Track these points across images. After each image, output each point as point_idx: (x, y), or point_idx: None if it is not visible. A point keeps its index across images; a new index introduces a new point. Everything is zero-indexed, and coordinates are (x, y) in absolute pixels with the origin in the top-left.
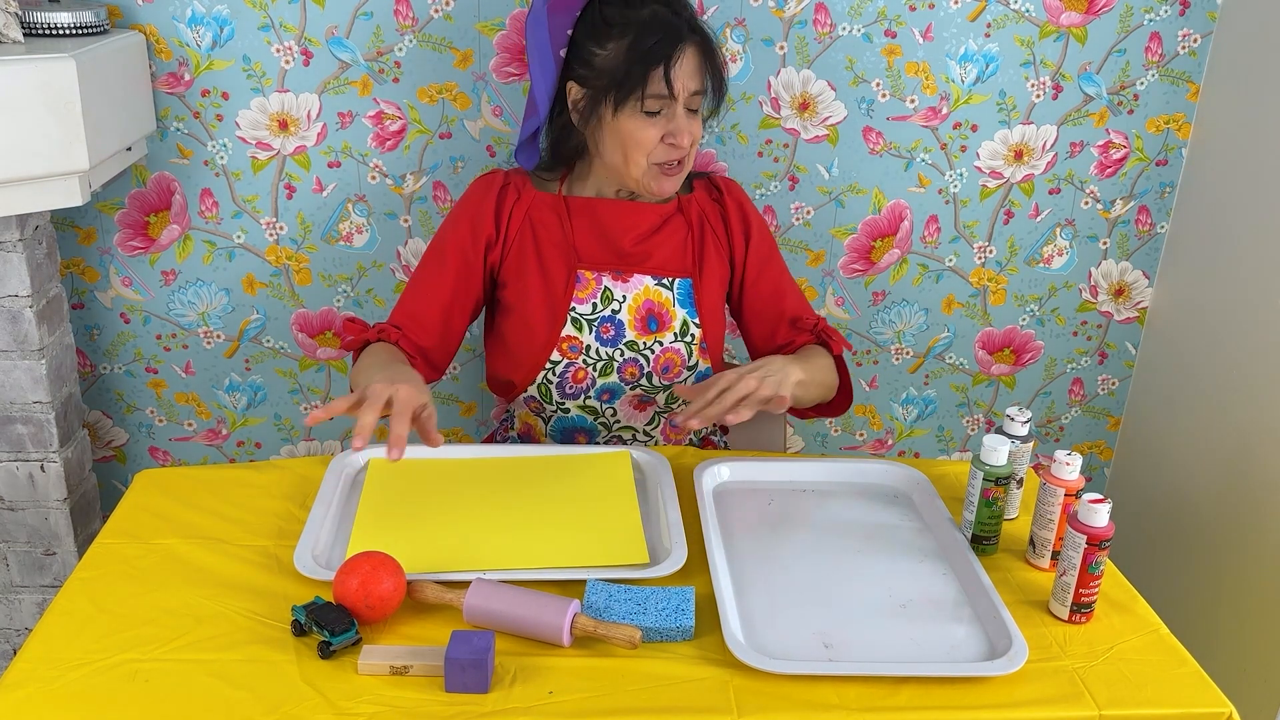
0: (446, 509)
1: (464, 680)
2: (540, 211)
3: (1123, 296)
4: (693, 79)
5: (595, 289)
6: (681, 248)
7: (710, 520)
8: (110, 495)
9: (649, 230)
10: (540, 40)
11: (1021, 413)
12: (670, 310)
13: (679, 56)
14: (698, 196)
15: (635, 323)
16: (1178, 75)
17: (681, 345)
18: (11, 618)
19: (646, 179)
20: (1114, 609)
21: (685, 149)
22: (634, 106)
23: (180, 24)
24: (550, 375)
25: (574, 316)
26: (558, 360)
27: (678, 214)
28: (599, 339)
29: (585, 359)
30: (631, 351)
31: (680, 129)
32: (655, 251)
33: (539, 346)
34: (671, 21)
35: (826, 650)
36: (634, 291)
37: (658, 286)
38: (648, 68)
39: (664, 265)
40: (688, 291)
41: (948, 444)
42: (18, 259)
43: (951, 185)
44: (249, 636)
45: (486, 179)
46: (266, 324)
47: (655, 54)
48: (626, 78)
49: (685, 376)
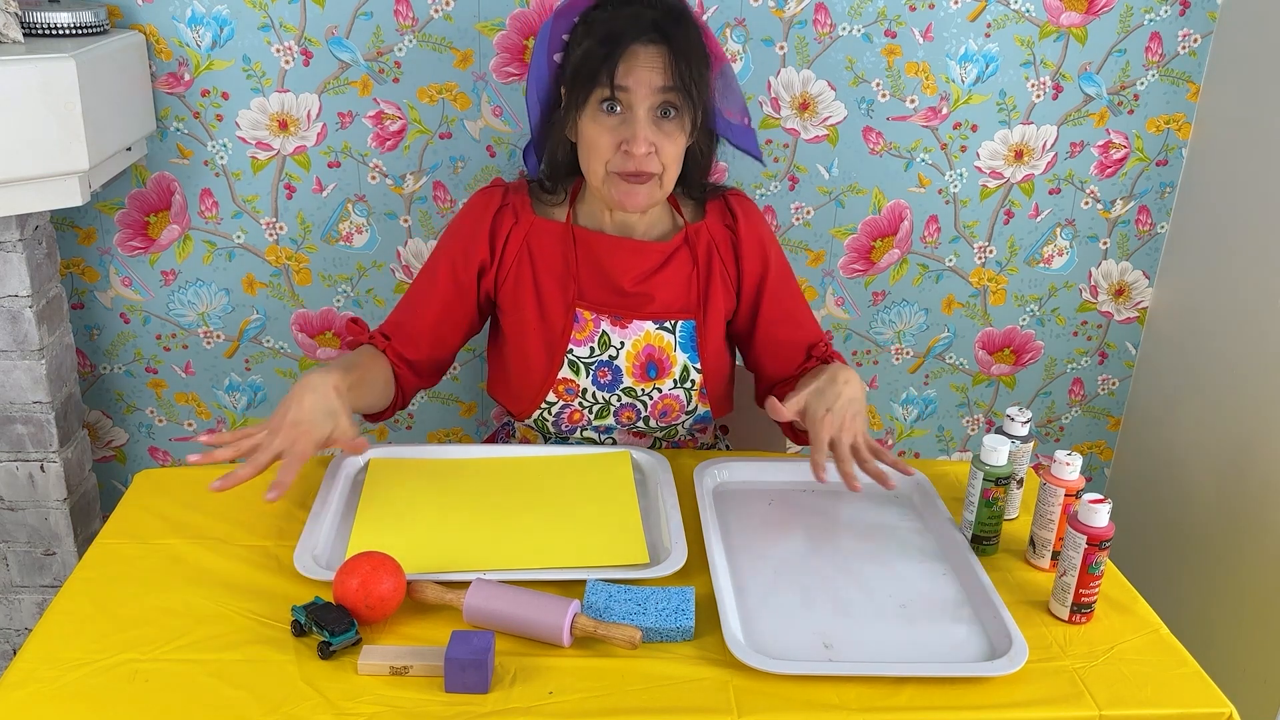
0: (446, 509)
1: (464, 680)
2: (540, 239)
3: (1123, 296)
4: (655, 80)
5: (593, 331)
6: (685, 286)
7: (710, 520)
8: (110, 495)
9: (651, 269)
10: (539, 47)
11: (1021, 413)
12: (671, 356)
13: (634, 52)
14: (709, 224)
15: (634, 369)
16: (1178, 75)
17: (681, 391)
18: (11, 618)
19: (607, 188)
20: (1114, 609)
21: (640, 155)
22: (594, 105)
23: (180, 24)
24: (546, 414)
25: (571, 359)
26: (554, 401)
27: (683, 247)
28: (596, 383)
29: (581, 402)
30: (629, 397)
31: (636, 134)
32: (658, 293)
33: (536, 385)
34: (639, 18)
35: (826, 650)
36: (633, 338)
37: (659, 331)
38: (600, 62)
39: (666, 308)
40: (690, 334)
41: (948, 444)
42: (18, 259)
43: (951, 185)
44: (249, 636)
45: (484, 196)
46: (266, 324)
47: (608, 47)
48: (582, 72)
49: (683, 419)
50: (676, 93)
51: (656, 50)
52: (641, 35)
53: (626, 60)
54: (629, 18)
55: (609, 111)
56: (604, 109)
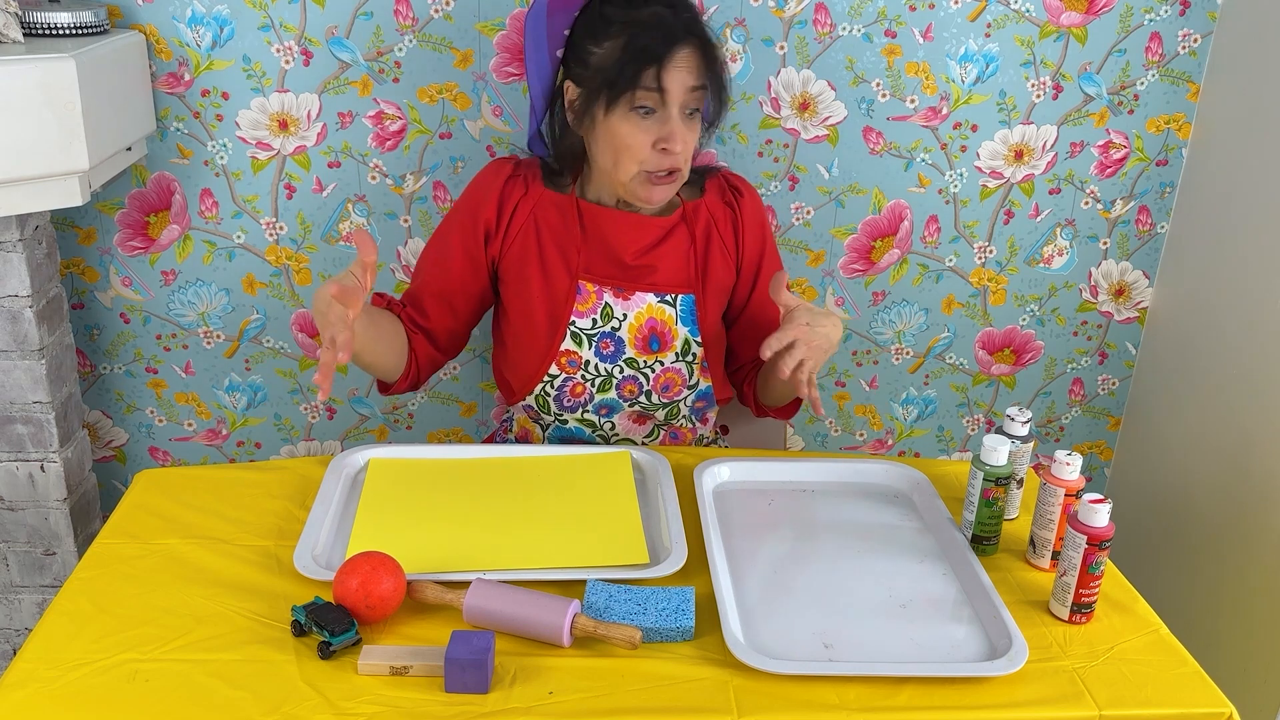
0: (446, 509)
1: (464, 680)
2: (547, 211)
3: (1123, 296)
4: (689, 81)
5: (596, 303)
6: (685, 260)
7: (710, 520)
8: (110, 495)
9: (652, 243)
10: (538, 39)
11: (1021, 413)
12: (673, 329)
13: (674, 55)
14: (708, 200)
15: (636, 341)
16: (1178, 75)
17: (683, 365)
18: (11, 618)
19: (634, 185)
20: (1114, 609)
21: (677, 154)
22: (626, 106)
23: (180, 24)
24: (548, 388)
25: (573, 331)
26: (556, 374)
27: (681, 224)
28: (598, 354)
29: (584, 374)
30: (631, 369)
31: (674, 133)
32: (659, 264)
33: (538, 358)
34: (669, 21)
35: (826, 650)
36: (636, 310)
37: (660, 304)
38: (641, 66)
39: (668, 280)
40: (690, 308)
41: (948, 444)
42: (18, 259)
43: (951, 185)
44: (249, 636)
45: (496, 165)
46: (266, 324)
47: (650, 52)
48: (620, 76)
49: (685, 395)
50: (704, 90)
51: (688, 51)
52: (678, 40)
53: (669, 64)
54: (656, 20)
55: (644, 115)
56: (639, 112)
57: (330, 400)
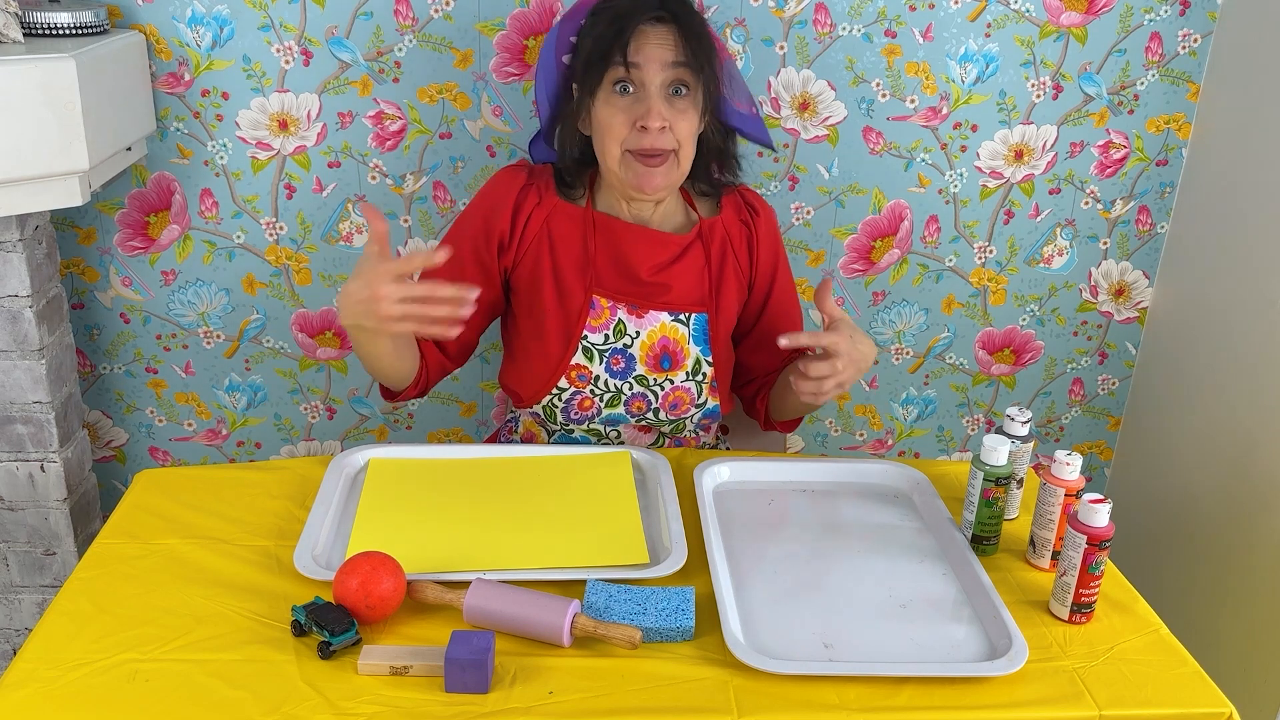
0: (446, 509)
1: (464, 680)
2: (561, 222)
3: (1123, 296)
4: (665, 56)
5: (609, 319)
6: (699, 279)
7: (710, 520)
8: (110, 495)
9: (668, 260)
10: (547, 49)
11: (1021, 413)
12: (684, 348)
13: (644, 30)
14: (724, 219)
15: (648, 359)
16: (1178, 75)
17: (692, 384)
18: (11, 618)
19: (624, 172)
20: (1114, 609)
21: (656, 131)
22: (607, 89)
23: (180, 24)
24: (556, 400)
25: (585, 345)
26: (565, 387)
27: (697, 241)
28: (609, 370)
29: (593, 389)
30: (641, 386)
31: (650, 110)
32: (674, 283)
33: (548, 371)
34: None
35: (826, 650)
36: (649, 328)
37: (674, 323)
38: (611, 41)
39: (682, 299)
40: (703, 327)
41: (948, 444)
42: (18, 259)
43: (951, 185)
44: (249, 636)
45: (510, 173)
46: (266, 324)
47: (617, 24)
48: (593, 55)
49: (692, 413)
50: (686, 69)
51: (665, 28)
52: (648, 13)
53: (636, 39)
54: (634, 2)
55: (622, 93)
56: (617, 90)
57: (330, 400)
